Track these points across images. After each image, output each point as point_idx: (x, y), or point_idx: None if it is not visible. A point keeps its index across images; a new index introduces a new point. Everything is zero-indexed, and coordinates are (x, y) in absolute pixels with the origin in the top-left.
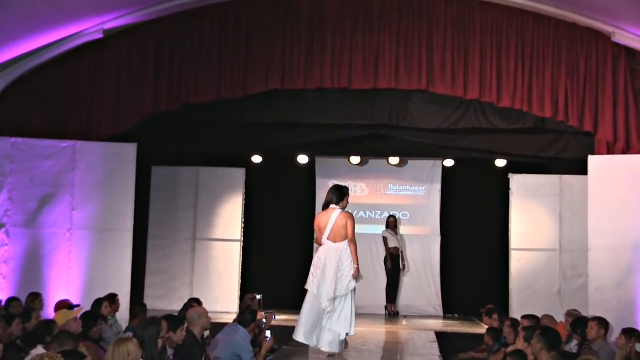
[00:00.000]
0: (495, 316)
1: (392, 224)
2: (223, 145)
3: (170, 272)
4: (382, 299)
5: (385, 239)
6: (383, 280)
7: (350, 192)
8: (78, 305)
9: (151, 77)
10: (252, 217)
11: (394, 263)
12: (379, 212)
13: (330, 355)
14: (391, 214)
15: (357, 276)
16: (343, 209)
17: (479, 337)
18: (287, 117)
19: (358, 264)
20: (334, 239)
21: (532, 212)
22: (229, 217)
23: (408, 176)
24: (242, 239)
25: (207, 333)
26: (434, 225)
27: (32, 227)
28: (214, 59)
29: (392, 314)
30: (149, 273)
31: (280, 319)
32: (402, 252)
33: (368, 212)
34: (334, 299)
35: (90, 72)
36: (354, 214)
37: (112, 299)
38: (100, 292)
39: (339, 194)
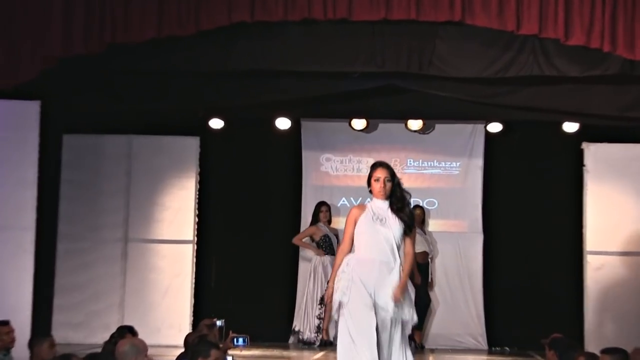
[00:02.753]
0: (563, 349)
1: (419, 217)
2: (167, 105)
3: (91, 288)
4: None
5: None
6: None
7: (354, 169)
8: None
9: (60, 5)
10: (211, 207)
11: (422, 275)
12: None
13: None
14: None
15: (330, 303)
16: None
17: None
18: (259, 64)
19: (333, 283)
20: None
21: (616, 199)
22: (177, 208)
23: (435, 147)
24: (196, 239)
25: None
26: (474, 219)
27: None
28: None
29: (418, 347)
30: (58, 290)
31: (251, 355)
32: (432, 258)
33: None
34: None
35: None
36: (358, 202)
37: (3, 327)
38: None
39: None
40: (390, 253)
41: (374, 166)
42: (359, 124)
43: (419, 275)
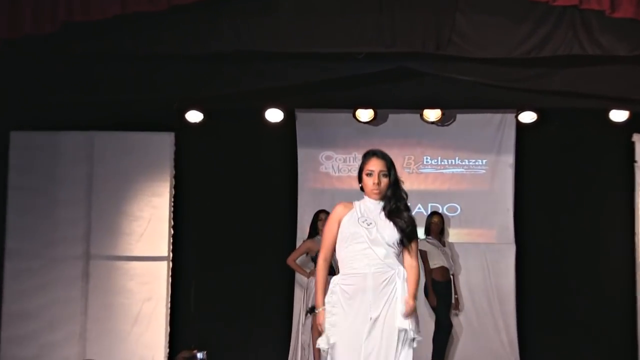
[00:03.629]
0: None
1: (436, 226)
2: (135, 95)
3: (46, 315)
4: (422, 357)
5: (424, 254)
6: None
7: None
8: None
9: None
10: (189, 217)
11: (442, 294)
12: (408, 204)
13: None
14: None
15: (321, 326)
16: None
17: None
18: (245, 44)
19: (321, 305)
20: None
21: None
22: (148, 219)
23: (457, 142)
24: (172, 255)
25: None
26: (504, 227)
27: None
28: None
29: None
30: (7, 319)
31: None
32: (453, 275)
33: None
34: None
35: None
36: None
37: None
38: None
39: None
40: (384, 261)
41: (367, 156)
42: (364, 114)
43: (435, 296)
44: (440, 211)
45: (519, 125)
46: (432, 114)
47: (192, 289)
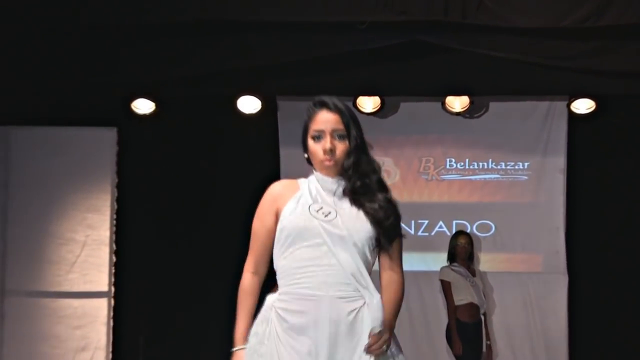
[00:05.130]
0: None
1: (463, 251)
2: (64, 80)
3: None
4: None
5: (447, 286)
6: None
7: None
8: None
9: None
10: (137, 240)
11: (469, 340)
12: (426, 220)
13: None
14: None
15: None
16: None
17: None
18: (210, 12)
19: (240, 341)
20: None
21: None
22: (82, 241)
23: (491, 138)
24: (114, 290)
25: None
26: (553, 251)
27: None
28: None
29: None
30: None
31: None
32: (485, 314)
33: (402, 222)
34: None
35: None
36: None
37: None
38: None
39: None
40: (352, 278)
41: (314, 108)
42: (368, 103)
43: (460, 342)
44: (468, 230)
45: (572, 117)
46: (458, 103)
47: (141, 336)
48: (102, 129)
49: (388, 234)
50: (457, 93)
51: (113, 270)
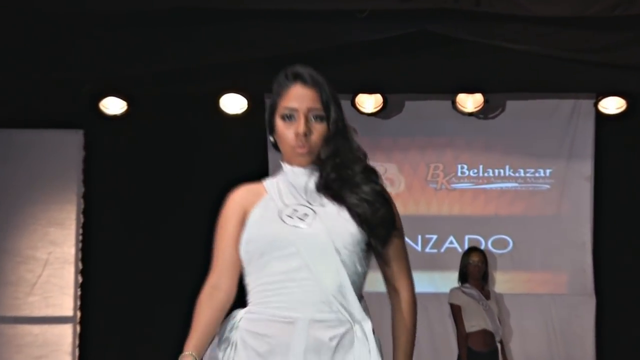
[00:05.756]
0: None
1: (476, 270)
2: (25, 74)
3: None
4: None
5: (457, 310)
6: None
7: None
8: None
9: None
10: (106, 257)
11: None
12: (435, 235)
13: None
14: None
15: None
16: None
17: None
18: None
19: None
20: None
21: None
22: (45, 261)
23: (508, 141)
24: (80, 314)
25: None
26: (579, 269)
27: None
28: None
29: None
30: None
31: None
32: (501, 342)
33: (407, 237)
34: None
35: None
36: None
37: None
38: None
39: None
40: (334, 296)
41: (285, 80)
42: (369, 102)
43: None
44: (482, 247)
45: (600, 118)
46: (470, 102)
47: None
48: (66, 132)
49: (377, 233)
50: (470, 90)
51: (79, 293)
